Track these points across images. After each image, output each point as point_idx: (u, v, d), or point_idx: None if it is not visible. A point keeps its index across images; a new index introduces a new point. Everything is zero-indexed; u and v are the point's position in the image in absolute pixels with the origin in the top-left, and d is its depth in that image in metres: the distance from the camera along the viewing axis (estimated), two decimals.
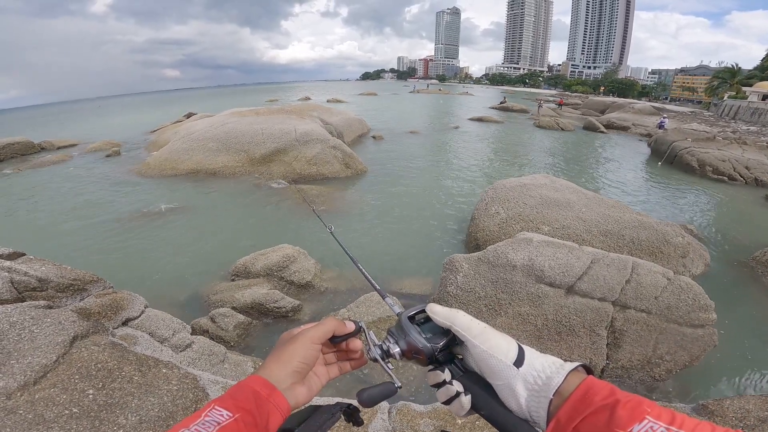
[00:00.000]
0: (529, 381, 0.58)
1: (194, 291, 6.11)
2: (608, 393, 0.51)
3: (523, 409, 0.57)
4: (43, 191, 12.11)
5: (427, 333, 0.67)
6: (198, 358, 3.91)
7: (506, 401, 0.59)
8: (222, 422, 0.54)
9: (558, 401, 0.54)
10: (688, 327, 4.45)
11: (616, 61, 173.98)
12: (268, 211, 9.99)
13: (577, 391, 0.53)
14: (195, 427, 0.53)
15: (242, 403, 0.57)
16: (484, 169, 15.21)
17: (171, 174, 12.78)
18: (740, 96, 42.44)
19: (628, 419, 0.47)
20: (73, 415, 2.25)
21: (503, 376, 0.59)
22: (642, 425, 0.46)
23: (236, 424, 0.54)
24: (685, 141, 16.80)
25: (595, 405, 0.51)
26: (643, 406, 0.49)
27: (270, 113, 17.79)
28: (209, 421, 0.54)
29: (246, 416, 0.55)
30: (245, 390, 0.59)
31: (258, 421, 0.56)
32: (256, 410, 0.57)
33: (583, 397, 0.52)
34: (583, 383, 0.54)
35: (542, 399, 0.55)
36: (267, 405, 0.58)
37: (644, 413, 0.47)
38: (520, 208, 7.35)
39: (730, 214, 10.86)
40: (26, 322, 2.84)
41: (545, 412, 0.55)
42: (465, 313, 0.67)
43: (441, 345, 0.65)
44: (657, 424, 0.46)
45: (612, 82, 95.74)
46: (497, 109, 38.60)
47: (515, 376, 0.59)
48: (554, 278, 4.76)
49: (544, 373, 0.57)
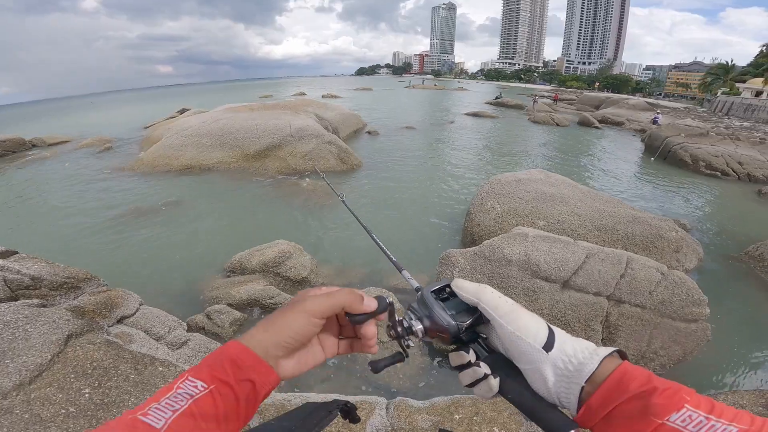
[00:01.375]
0: (559, 366, 0.54)
1: (189, 288, 6.08)
2: (645, 380, 0.48)
3: (551, 393, 0.54)
4: (34, 188, 11.99)
5: (452, 310, 0.62)
6: (194, 355, 3.90)
7: (534, 385, 0.56)
8: (195, 395, 0.50)
9: (590, 388, 0.51)
10: (682, 322, 4.49)
11: (611, 57, 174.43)
12: (263, 207, 9.95)
13: (611, 377, 0.50)
14: (165, 400, 0.49)
15: (218, 373, 0.52)
16: (479, 164, 15.23)
17: (164, 170, 12.69)
18: (734, 92, 42.71)
19: (666, 408, 0.45)
20: (69, 414, 2.24)
21: (532, 359, 0.55)
22: (680, 414, 0.44)
23: (210, 396, 0.50)
24: (679, 136, 16.90)
25: (630, 392, 0.48)
26: (681, 393, 0.46)
27: (264, 109, 17.69)
28: (182, 393, 0.50)
29: (222, 387, 0.51)
30: (221, 358, 0.53)
31: (237, 393, 0.51)
32: (234, 381, 0.52)
33: (617, 384, 0.49)
34: (617, 369, 0.51)
35: (573, 385, 0.52)
36: (248, 374, 0.52)
37: (683, 401, 0.45)
38: (516, 203, 7.37)
39: (723, 209, 10.95)
40: (20, 321, 2.81)
41: (576, 398, 0.52)
42: (493, 289, 0.61)
43: (467, 324, 0.61)
44: (696, 413, 0.44)
45: (607, 78, 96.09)
46: (492, 105, 38.61)
47: (544, 360, 0.54)
48: (550, 273, 4.78)
49: (576, 359, 0.54)
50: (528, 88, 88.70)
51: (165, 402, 0.49)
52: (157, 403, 0.49)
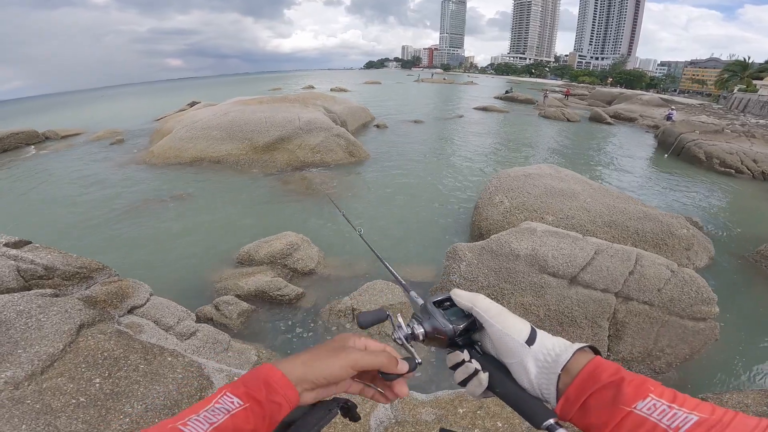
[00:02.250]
0: (540, 359, 0.61)
1: (198, 279, 6.15)
2: (614, 371, 0.54)
3: (534, 386, 0.60)
4: (47, 180, 12.17)
5: (450, 317, 0.71)
6: (202, 346, 3.95)
7: (519, 379, 0.62)
8: (232, 410, 0.54)
9: (567, 379, 0.57)
10: (690, 320, 4.45)
11: (624, 52, 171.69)
12: (272, 199, 10.00)
13: (585, 369, 0.56)
14: (204, 413, 0.53)
15: (254, 392, 0.57)
16: (488, 158, 15.13)
17: (175, 162, 12.80)
18: (751, 89, 41.80)
19: (633, 396, 0.50)
20: (80, 404, 2.28)
21: (516, 353, 0.62)
22: (645, 402, 0.49)
23: (245, 413, 0.54)
24: (693, 133, 16.62)
25: (601, 382, 0.53)
26: (647, 384, 0.51)
27: (273, 102, 17.71)
28: (219, 408, 0.54)
29: (255, 405, 0.55)
30: (258, 379, 0.58)
31: (266, 412, 0.56)
32: (266, 401, 0.56)
33: (590, 375, 0.55)
34: (590, 362, 0.57)
35: (551, 375, 0.59)
36: (277, 397, 0.57)
37: (648, 391, 0.50)
38: (524, 198, 7.32)
39: (736, 207, 10.77)
40: (33, 311, 2.86)
41: (554, 388, 0.58)
42: (486, 297, 0.70)
43: (462, 327, 0.69)
44: (660, 402, 0.49)
45: (620, 74, 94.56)
46: (502, 99, 38.26)
47: (527, 353, 0.62)
48: (557, 268, 4.75)
49: (553, 351, 0.60)
50: (539, 83, 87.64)
51: (203, 414, 0.53)
52: (195, 415, 0.53)
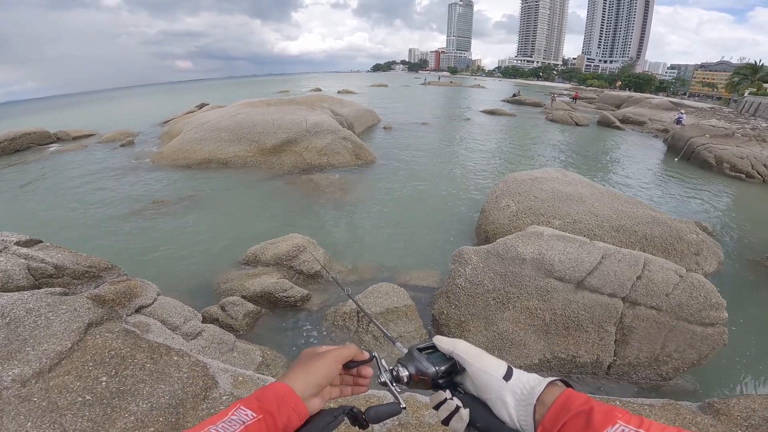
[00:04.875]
0: (517, 392, 0.66)
1: (205, 279, 6.19)
2: (584, 401, 0.59)
3: (513, 418, 0.65)
4: (57, 180, 12.33)
5: (433, 360, 0.77)
6: (208, 346, 3.98)
7: (499, 414, 0.67)
8: (247, 422, 0.59)
9: (542, 410, 0.62)
10: (699, 325, 4.40)
11: (633, 55, 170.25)
12: (278, 201, 10.05)
13: (558, 399, 0.61)
14: (222, 424, 0.58)
15: (266, 405, 0.62)
16: (494, 161, 15.09)
17: (184, 164, 12.92)
18: (761, 93, 41.26)
19: (603, 423, 0.54)
20: (86, 402, 2.29)
21: (494, 389, 0.68)
22: (614, 428, 0.53)
23: (259, 424, 0.60)
24: (703, 137, 16.45)
25: (574, 410, 0.58)
26: (615, 412, 0.56)
27: (281, 104, 17.82)
28: (235, 419, 0.59)
29: (268, 417, 0.61)
30: (270, 393, 0.64)
31: (278, 424, 0.61)
32: (277, 413, 0.62)
33: (563, 405, 0.60)
34: (563, 393, 0.62)
35: (528, 407, 0.63)
36: (288, 410, 0.63)
37: (616, 418, 0.54)
38: (531, 202, 7.29)
39: (745, 212, 10.63)
40: (42, 309, 2.90)
41: (532, 419, 0.62)
42: (465, 341, 0.76)
43: (444, 369, 0.75)
44: (627, 428, 0.53)
45: (629, 77, 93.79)
46: (510, 102, 38.15)
47: (504, 388, 0.67)
48: (564, 273, 4.72)
49: (528, 384, 0.66)
50: (547, 86, 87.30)
51: (221, 425, 0.58)
52: (213, 426, 0.58)
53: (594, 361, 4.41)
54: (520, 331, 4.64)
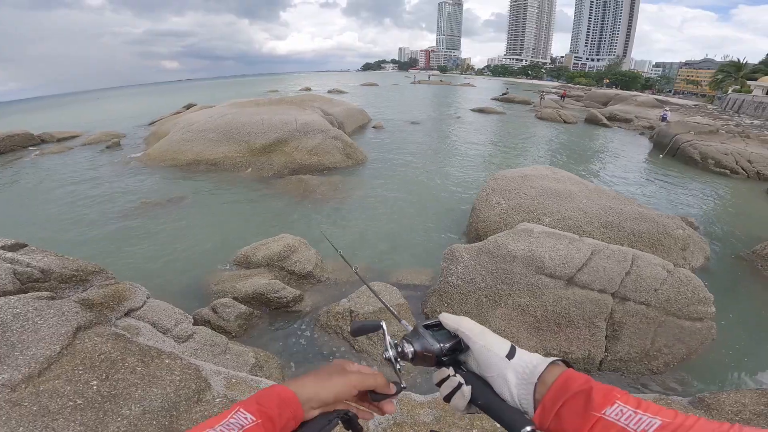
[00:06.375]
0: (519, 370, 0.66)
1: (196, 281, 6.13)
2: (584, 381, 0.60)
3: (514, 397, 0.65)
4: (43, 183, 12.12)
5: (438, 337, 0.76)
6: (200, 348, 3.94)
7: (500, 392, 0.67)
8: (245, 425, 0.58)
9: (542, 389, 0.62)
10: (687, 320, 4.47)
11: (620, 53, 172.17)
12: (269, 201, 9.99)
13: (558, 379, 0.62)
14: (220, 427, 0.56)
15: (267, 409, 0.61)
16: (484, 159, 15.17)
17: (171, 164, 12.77)
18: (745, 90, 42.01)
19: (602, 403, 0.55)
20: (77, 407, 2.27)
21: (497, 367, 0.68)
22: (613, 408, 0.54)
23: (257, 428, 0.58)
24: (688, 134, 16.71)
25: (573, 390, 0.59)
26: (613, 392, 0.57)
27: (270, 104, 17.71)
28: (234, 423, 0.58)
29: (267, 422, 0.59)
30: (271, 397, 0.63)
31: (277, 427, 0.60)
32: (278, 418, 0.61)
33: (563, 384, 0.60)
34: (563, 373, 0.62)
35: (529, 385, 0.64)
36: (288, 415, 0.62)
37: (615, 398, 0.56)
38: (521, 199, 7.35)
39: (731, 207, 10.84)
40: (30, 314, 2.85)
41: (532, 398, 0.63)
42: (470, 319, 0.76)
43: (448, 346, 0.75)
44: (626, 408, 0.54)
45: (615, 75, 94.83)
46: (499, 101, 38.38)
47: (507, 366, 0.67)
48: (554, 269, 4.77)
49: (530, 363, 0.66)
50: (535, 85, 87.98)
51: (219, 428, 0.56)
52: (211, 429, 0.56)
53: (586, 357, 4.46)
54: (512, 328, 4.68)
